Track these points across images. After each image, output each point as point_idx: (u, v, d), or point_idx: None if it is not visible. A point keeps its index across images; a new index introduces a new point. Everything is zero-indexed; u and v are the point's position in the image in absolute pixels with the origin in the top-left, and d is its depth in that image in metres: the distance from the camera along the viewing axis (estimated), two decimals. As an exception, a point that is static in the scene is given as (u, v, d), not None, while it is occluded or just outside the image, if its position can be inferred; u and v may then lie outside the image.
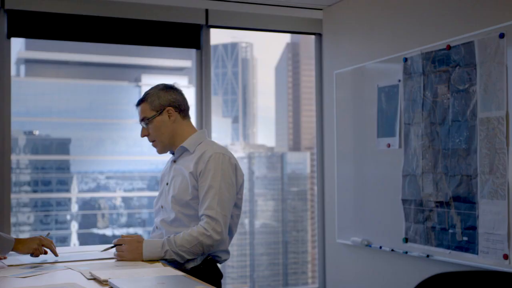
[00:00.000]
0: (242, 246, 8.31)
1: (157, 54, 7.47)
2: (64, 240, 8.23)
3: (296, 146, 9.15)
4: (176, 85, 2.94)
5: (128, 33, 4.49)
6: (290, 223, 8.28)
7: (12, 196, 8.00)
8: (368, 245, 4.16)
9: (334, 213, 4.55)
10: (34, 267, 2.45)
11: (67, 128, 8.21)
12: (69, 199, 8.24)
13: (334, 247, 4.60)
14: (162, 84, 2.92)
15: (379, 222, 4.09)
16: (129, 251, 2.60)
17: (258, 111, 9.07)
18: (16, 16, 4.15)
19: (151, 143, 2.92)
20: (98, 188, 8.09)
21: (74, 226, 8.19)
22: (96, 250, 2.84)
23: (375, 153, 4.13)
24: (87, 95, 8.19)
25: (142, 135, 2.89)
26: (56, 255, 2.66)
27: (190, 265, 2.66)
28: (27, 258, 2.63)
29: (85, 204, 8.23)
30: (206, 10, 4.59)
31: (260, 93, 9.24)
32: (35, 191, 8.10)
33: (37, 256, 2.62)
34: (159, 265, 2.49)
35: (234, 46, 9.15)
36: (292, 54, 9.25)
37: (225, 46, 9.25)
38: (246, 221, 8.25)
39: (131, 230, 8.23)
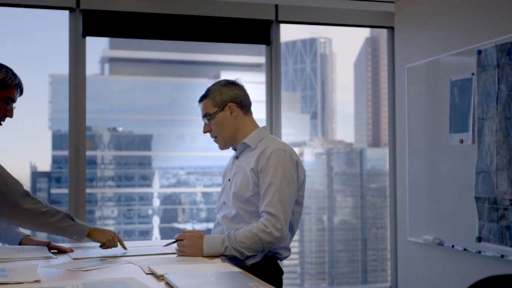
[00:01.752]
0: (321, 243, 8.29)
1: (235, 51, 7.55)
2: (146, 234, 8.47)
3: (375, 142, 9.05)
4: (238, 81, 2.94)
5: (198, 30, 4.53)
6: (370, 219, 8.19)
7: (97, 190, 8.30)
8: (440, 244, 4.04)
9: (406, 210, 4.45)
10: (99, 260, 2.51)
11: (149, 125, 8.44)
12: (151, 194, 8.47)
13: (405, 245, 4.50)
14: (224, 80, 2.92)
15: (451, 220, 3.96)
16: (189, 246, 2.61)
17: (337, 107, 9.01)
18: (91, 15, 4.28)
19: (213, 139, 2.93)
20: (178, 184, 8.27)
21: (156, 220, 8.41)
22: (159, 245, 2.88)
23: (447, 149, 4.00)
24: (168, 92, 8.39)
25: (205, 131, 2.91)
26: (125, 248, 2.74)
27: (250, 262, 2.64)
28: (93, 252, 2.70)
29: (166, 199, 8.44)
30: (276, 6, 4.59)
31: (339, 89, 9.17)
32: (118, 186, 8.38)
33: (106, 248, 2.69)
34: (218, 261, 2.49)
35: (312, 41, 9.12)
36: (372, 48, 9.14)
37: (303, 41, 9.23)
38: (325, 217, 8.22)
39: (211, 225, 8.36)
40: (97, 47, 7.85)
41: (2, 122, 2.63)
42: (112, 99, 8.31)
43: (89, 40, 4.39)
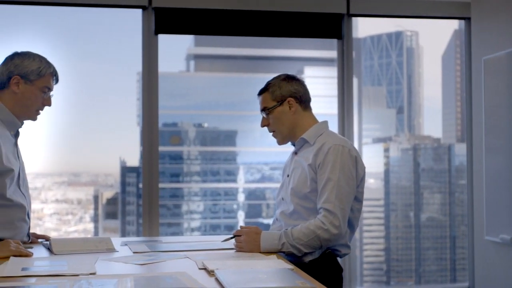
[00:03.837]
0: (407, 240, 8.12)
1: (319, 45, 7.49)
2: (232, 229, 8.56)
3: (464, 137, 8.75)
4: (298, 76, 2.93)
5: (269, 25, 4.55)
6: (458, 217, 7.95)
7: (184, 185, 8.47)
8: (518, 244, 3.88)
9: (483, 209, 4.29)
10: (158, 255, 2.55)
11: (233, 121, 8.51)
12: (236, 189, 8.53)
13: (482, 244, 4.34)
14: (284, 74, 2.92)
15: (530, 218, 3.80)
16: (247, 242, 2.61)
17: (423, 101, 8.78)
18: (163, 13, 4.38)
19: (271, 134, 2.93)
20: (263, 179, 8.29)
21: (241, 215, 8.47)
22: (219, 240, 2.89)
23: (526, 144, 3.84)
24: (252, 88, 8.42)
25: (262, 125, 2.92)
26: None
27: (308, 258, 2.62)
28: (154, 246, 2.75)
29: (250, 194, 8.47)
30: (347, -1, 4.54)
31: (426, 83, 8.93)
32: (204, 181, 8.50)
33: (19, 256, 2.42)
34: (273, 257, 2.47)
35: (398, 35, 8.92)
36: (460, 41, 8.84)
37: (389, 35, 9.05)
38: (411, 214, 8.04)
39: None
40: (182, 44, 8.03)
41: (40, 112, 2.67)
42: (198, 96, 8.45)
43: (175, 38, 4.50)
